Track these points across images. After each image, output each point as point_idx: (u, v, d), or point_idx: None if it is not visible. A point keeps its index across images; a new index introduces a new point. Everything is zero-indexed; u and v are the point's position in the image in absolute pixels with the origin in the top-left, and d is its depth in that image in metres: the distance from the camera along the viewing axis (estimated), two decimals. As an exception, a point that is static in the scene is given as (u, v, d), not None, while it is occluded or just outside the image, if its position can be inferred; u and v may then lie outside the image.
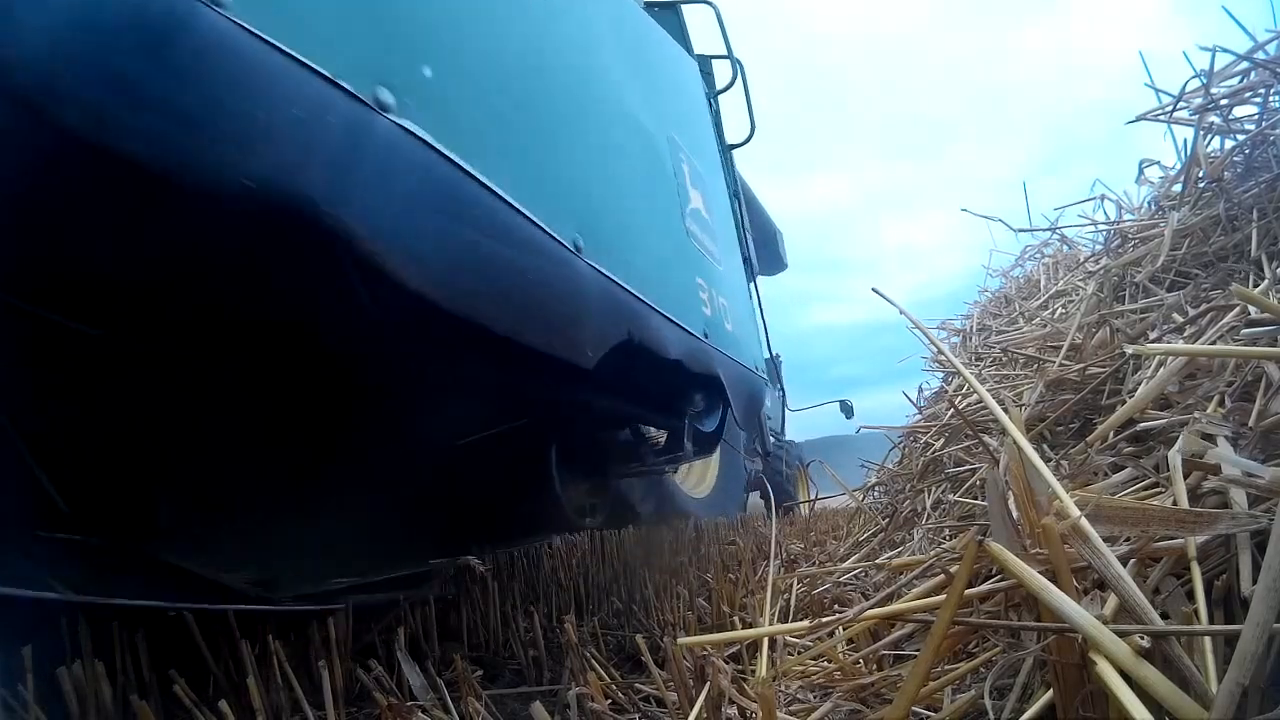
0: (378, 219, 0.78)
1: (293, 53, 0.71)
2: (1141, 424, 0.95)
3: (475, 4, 1.08)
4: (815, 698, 0.90)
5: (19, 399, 0.96)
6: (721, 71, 4.00)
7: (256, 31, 0.68)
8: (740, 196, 3.86)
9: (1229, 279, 1.25)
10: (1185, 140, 1.66)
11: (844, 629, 0.90)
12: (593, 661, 1.04)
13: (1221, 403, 0.88)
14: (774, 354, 7.14)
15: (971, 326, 2.45)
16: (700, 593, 1.53)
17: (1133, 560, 0.64)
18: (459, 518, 1.90)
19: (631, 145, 1.54)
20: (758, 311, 3.96)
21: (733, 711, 0.83)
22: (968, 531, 1.01)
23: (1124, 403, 1.02)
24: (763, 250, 6.89)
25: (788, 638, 1.11)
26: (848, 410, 7.90)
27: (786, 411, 7.46)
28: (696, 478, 3.78)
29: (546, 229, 1.06)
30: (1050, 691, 0.61)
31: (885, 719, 0.61)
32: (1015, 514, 0.68)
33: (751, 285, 3.96)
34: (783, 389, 7.31)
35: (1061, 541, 0.58)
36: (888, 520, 1.79)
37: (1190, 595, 0.60)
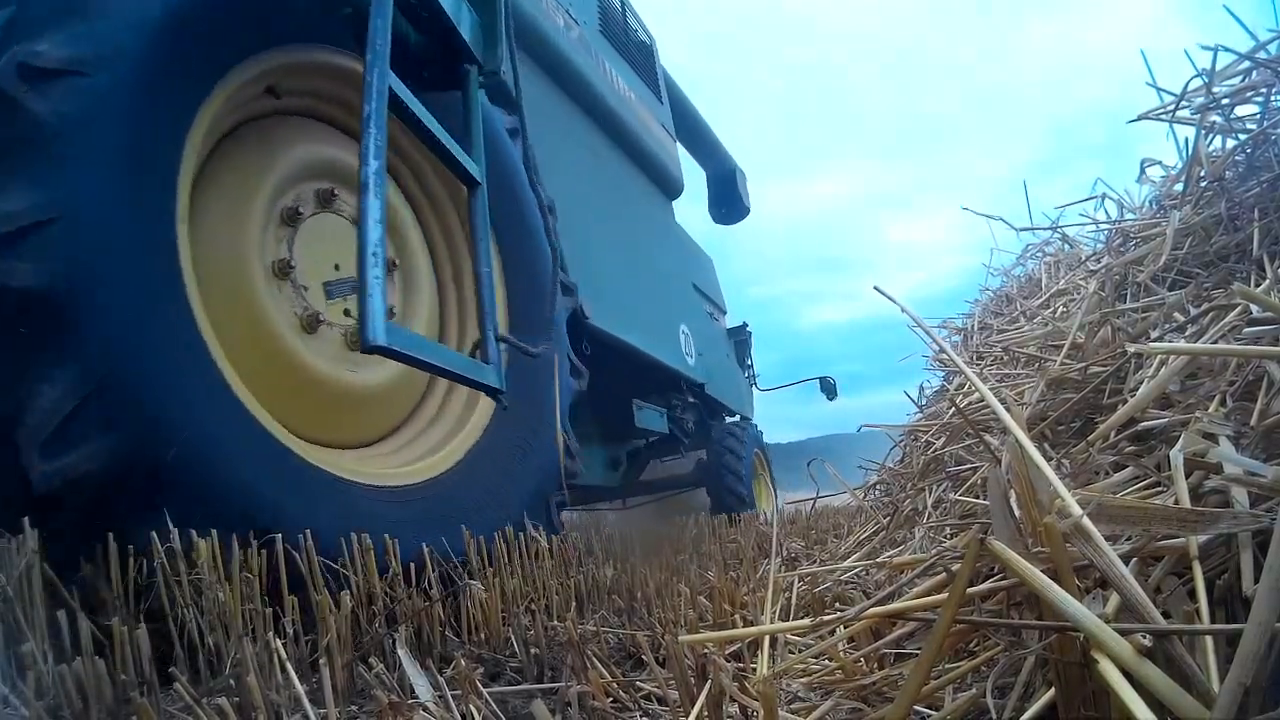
0: None
1: None
2: (1143, 423, 0.95)
3: None
4: (816, 696, 0.90)
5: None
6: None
7: None
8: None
9: (1231, 278, 1.25)
10: (1187, 139, 1.66)
11: (845, 627, 0.90)
12: (594, 659, 1.04)
13: (1223, 402, 0.88)
14: (742, 324, 6.33)
15: (973, 325, 2.45)
16: (701, 591, 1.53)
17: (1134, 559, 0.64)
18: None
19: None
20: None
21: (734, 710, 0.83)
22: (969, 530, 1.01)
23: (1125, 402, 1.02)
24: (720, 192, 6.09)
25: (789, 636, 1.11)
26: (829, 389, 6.82)
27: (755, 391, 6.51)
28: (431, 441, 1.92)
29: None
30: (1052, 690, 0.61)
31: (886, 718, 0.61)
32: (1017, 512, 0.68)
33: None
34: (751, 365, 6.45)
35: (1063, 540, 0.58)
36: (889, 519, 1.79)
37: (1192, 594, 0.60)
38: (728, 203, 6.18)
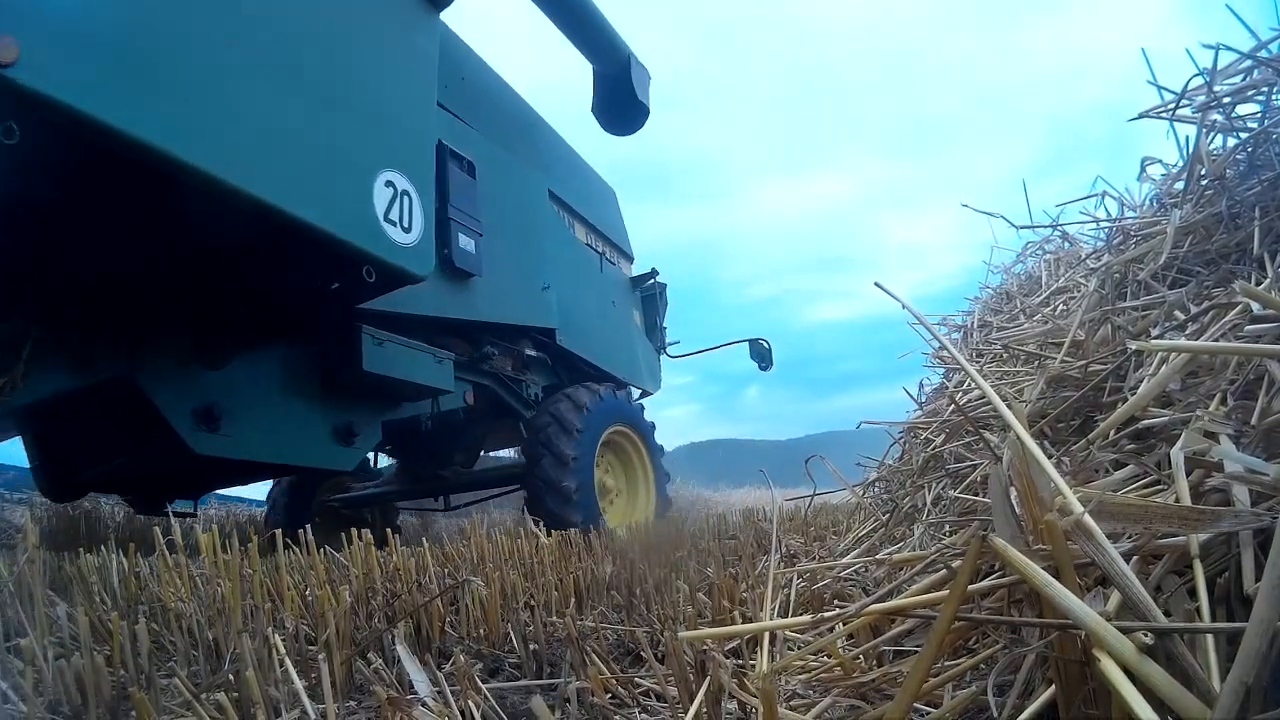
0: None
1: None
2: (1143, 421, 0.95)
3: None
4: (815, 693, 0.90)
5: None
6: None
7: None
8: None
9: (1231, 276, 1.25)
10: (1188, 138, 1.66)
11: (844, 624, 0.90)
12: (593, 655, 1.04)
13: (1224, 400, 0.88)
14: (650, 271, 5.17)
15: (973, 323, 2.45)
16: (700, 587, 1.53)
17: (1135, 557, 0.64)
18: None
19: None
20: None
21: (733, 706, 0.83)
22: (969, 527, 1.01)
23: (1126, 400, 1.02)
24: (609, 90, 4.52)
25: (788, 633, 1.11)
26: (762, 355, 5.65)
27: (663, 357, 5.27)
28: None
29: None
30: (1052, 688, 0.61)
31: (886, 716, 0.61)
32: (1018, 510, 0.68)
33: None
34: (663, 328, 5.27)
35: (1065, 538, 0.58)
36: (888, 516, 1.79)
37: (1193, 593, 0.60)
38: (620, 104, 4.53)
